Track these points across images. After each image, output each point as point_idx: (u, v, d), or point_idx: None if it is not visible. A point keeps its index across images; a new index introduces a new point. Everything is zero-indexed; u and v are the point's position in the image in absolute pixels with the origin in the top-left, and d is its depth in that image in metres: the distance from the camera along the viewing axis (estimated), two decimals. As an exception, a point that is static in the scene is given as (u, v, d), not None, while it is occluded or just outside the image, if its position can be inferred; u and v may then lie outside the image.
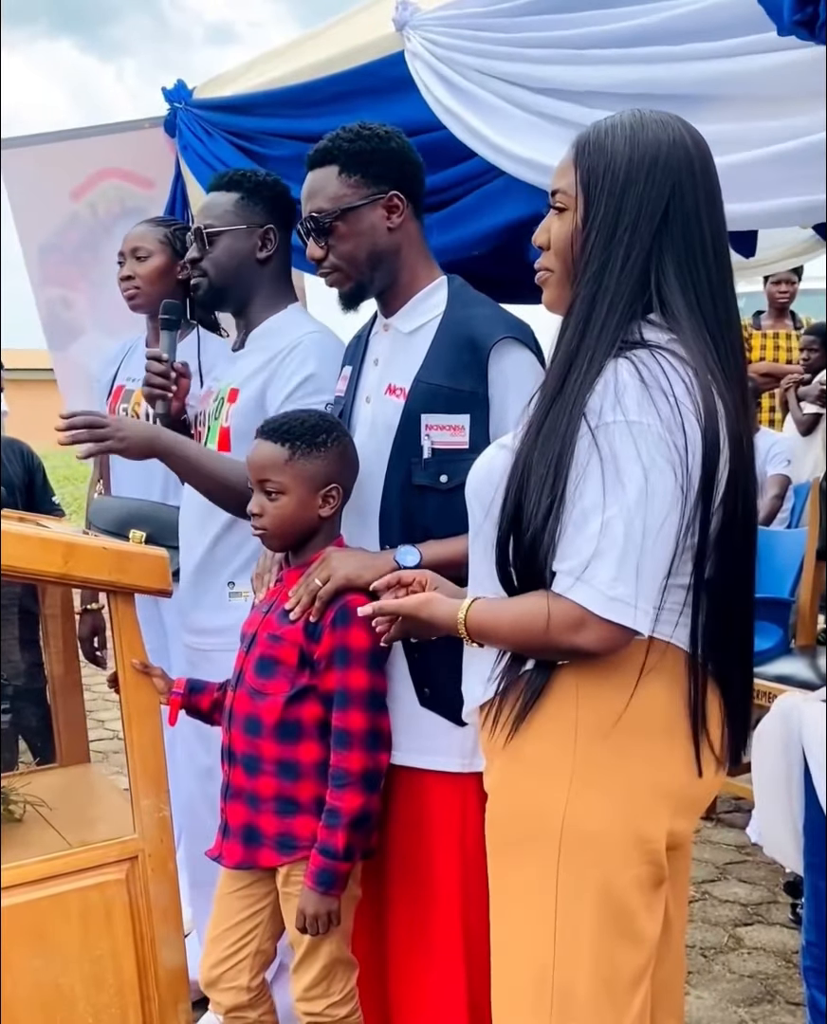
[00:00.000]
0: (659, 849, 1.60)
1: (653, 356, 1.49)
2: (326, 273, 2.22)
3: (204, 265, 2.54)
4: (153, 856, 2.18)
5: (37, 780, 2.50)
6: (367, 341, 2.33)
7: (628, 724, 1.56)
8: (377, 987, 2.33)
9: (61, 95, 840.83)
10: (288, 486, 2.10)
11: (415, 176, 2.21)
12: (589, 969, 1.58)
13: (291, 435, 2.11)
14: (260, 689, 2.12)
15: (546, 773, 1.60)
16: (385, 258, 2.18)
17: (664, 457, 1.46)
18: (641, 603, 1.46)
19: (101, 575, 2.09)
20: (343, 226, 2.15)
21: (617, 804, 1.57)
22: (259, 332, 2.59)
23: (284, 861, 2.12)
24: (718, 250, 1.59)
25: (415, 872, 2.22)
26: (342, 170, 2.15)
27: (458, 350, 2.09)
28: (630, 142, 1.57)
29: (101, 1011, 2.14)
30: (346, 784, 2.04)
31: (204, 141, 3.19)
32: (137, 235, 3.01)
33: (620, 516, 1.45)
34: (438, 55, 2.44)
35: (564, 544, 1.49)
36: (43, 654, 2.68)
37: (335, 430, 2.13)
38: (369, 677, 2.07)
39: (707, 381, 1.51)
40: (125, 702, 2.17)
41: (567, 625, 1.48)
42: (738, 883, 3.69)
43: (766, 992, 3.01)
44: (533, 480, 1.52)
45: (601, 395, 1.48)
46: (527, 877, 1.63)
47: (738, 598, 1.65)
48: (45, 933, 2.07)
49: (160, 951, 2.19)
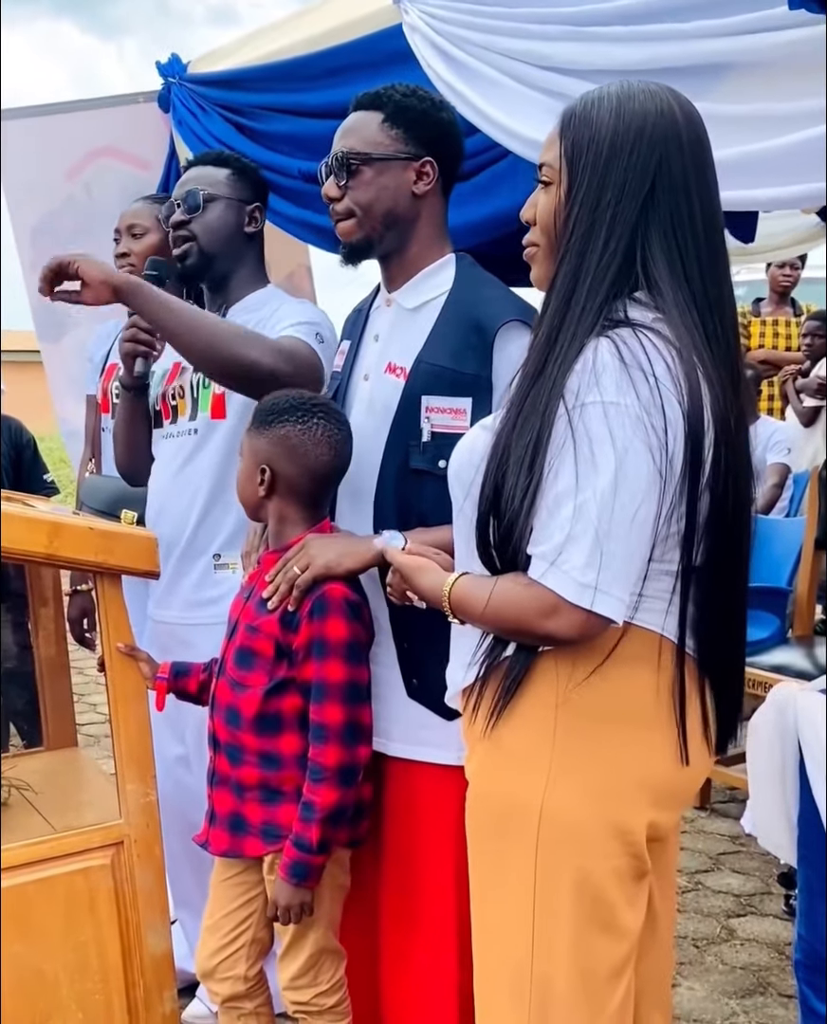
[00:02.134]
0: (639, 841, 1.58)
1: (635, 335, 1.45)
2: (339, 218, 2.15)
3: (194, 228, 2.49)
4: (139, 841, 2.16)
5: (23, 764, 2.48)
6: (368, 315, 2.27)
7: (609, 712, 1.55)
8: (368, 977, 2.31)
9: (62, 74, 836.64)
10: (243, 453, 2.12)
11: (455, 154, 2.17)
12: (567, 961, 1.57)
13: (259, 407, 2.11)
14: (240, 681, 2.09)
15: (525, 761, 1.58)
16: (401, 221, 2.12)
17: (641, 439, 1.41)
18: (614, 590, 1.43)
19: (87, 556, 2.05)
20: (370, 172, 2.10)
21: (596, 794, 1.55)
22: (240, 307, 2.55)
23: (269, 850, 2.09)
24: (709, 225, 1.54)
25: (408, 863, 2.20)
26: (387, 119, 2.10)
27: (463, 331, 2.04)
28: (615, 113, 1.53)
29: (85, 997, 2.12)
30: (322, 779, 2.00)
31: (198, 116, 3.16)
32: (133, 212, 2.98)
33: (593, 500, 1.41)
34: (437, 28, 2.40)
35: (538, 528, 1.46)
36: (31, 636, 2.65)
37: (288, 414, 2.06)
38: (347, 669, 2.02)
39: (692, 361, 1.47)
40: (111, 685, 2.14)
41: (540, 611, 1.46)
42: (731, 874, 3.67)
43: (758, 984, 2.99)
44: (512, 462, 1.49)
45: (579, 375, 1.44)
46: (505, 867, 1.61)
47: (730, 586, 1.61)
48: (29, 918, 2.05)
49: (145, 937, 2.17)
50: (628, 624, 1.52)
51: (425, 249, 2.15)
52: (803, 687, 2.37)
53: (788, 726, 2.27)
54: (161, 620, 2.65)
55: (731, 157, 2.03)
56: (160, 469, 2.61)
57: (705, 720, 1.62)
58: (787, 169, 1.99)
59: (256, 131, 3.00)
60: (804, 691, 2.31)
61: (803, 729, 2.23)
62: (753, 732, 2.39)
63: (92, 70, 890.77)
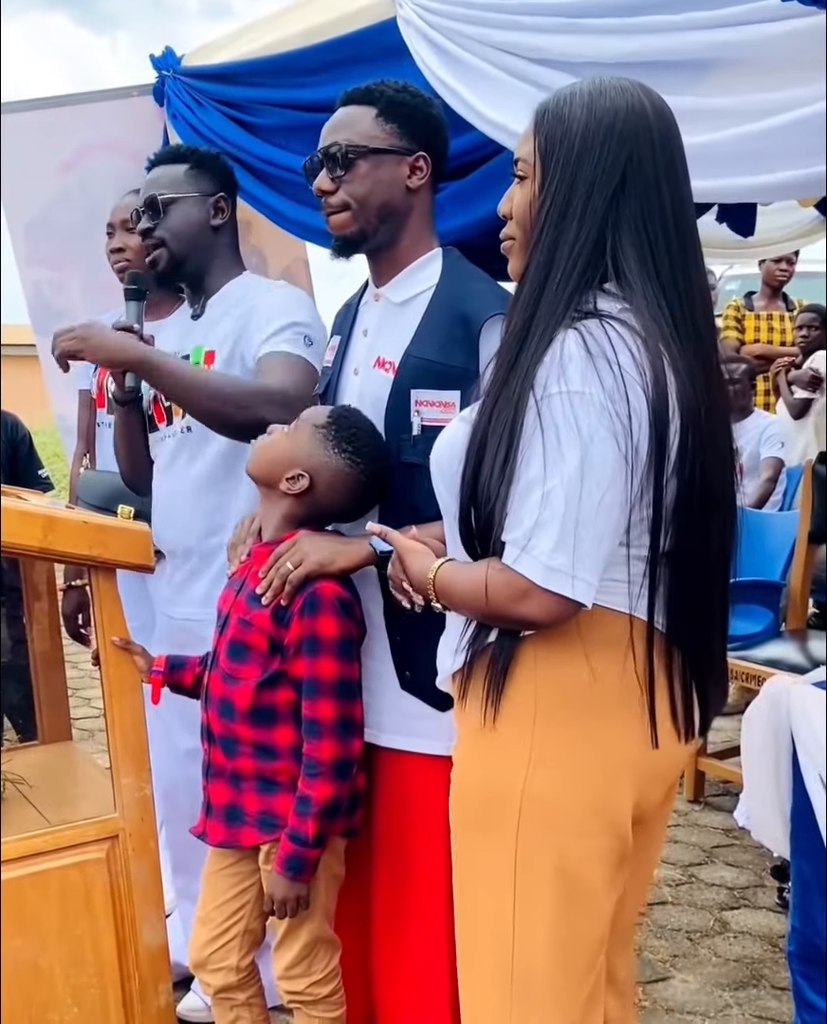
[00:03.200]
0: (623, 822, 1.61)
1: (602, 326, 1.48)
2: (333, 211, 2.14)
3: (160, 235, 2.50)
4: (134, 835, 2.16)
5: (18, 758, 2.49)
6: (357, 310, 2.28)
7: (586, 695, 1.57)
8: (360, 967, 2.31)
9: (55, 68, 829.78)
10: (294, 440, 2.10)
11: (444, 148, 2.18)
12: (548, 943, 1.60)
13: (337, 420, 2.09)
14: (232, 673, 2.09)
15: (507, 747, 1.60)
16: (395, 215, 2.13)
17: (606, 427, 1.44)
18: (581, 573, 1.46)
19: (81, 549, 2.05)
20: (365, 165, 2.09)
21: (577, 777, 1.58)
22: (219, 297, 2.56)
23: (265, 840, 2.09)
24: (679, 218, 1.57)
25: (400, 853, 2.20)
26: (380, 114, 2.10)
27: (450, 325, 2.05)
28: (587, 109, 1.56)
29: (80, 991, 2.13)
30: (318, 773, 2.01)
31: (193, 109, 3.14)
32: (126, 206, 2.96)
33: (560, 487, 1.45)
34: (431, 22, 2.39)
35: (511, 516, 1.50)
36: (25, 631, 2.65)
37: (357, 442, 2.07)
38: (338, 665, 2.02)
39: (657, 350, 1.49)
40: (106, 679, 2.15)
41: (512, 596, 1.49)
42: (725, 867, 3.67)
43: (752, 976, 3.00)
44: (487, 453, 1.52)
45: (547, 366, 1.47)
46: (487, 852, 1.64)
47: (702, 572, 1.63)
48: (24, 912, 2.06)
49: (140, 930, 2.18)
50: (603, 608, 1.56)
51: (414, 243, 2.16)
52: (796, 680, 2.38)
53: (781, 719, 2.28)
54: (178, 617, 2.65)
55: (727, 140, 2.03)
56: (161, 471, 2.61)
57: (673, 703, 1.63)
58: (785, 153, 1.98)
59: (252, 124, 2.98)
60: (797, 684, 2.32)
61: (796, 722, 2.24)
62: (747, 725, 2.40)
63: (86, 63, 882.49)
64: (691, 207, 1.61)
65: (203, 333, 2.54)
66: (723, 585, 1.69)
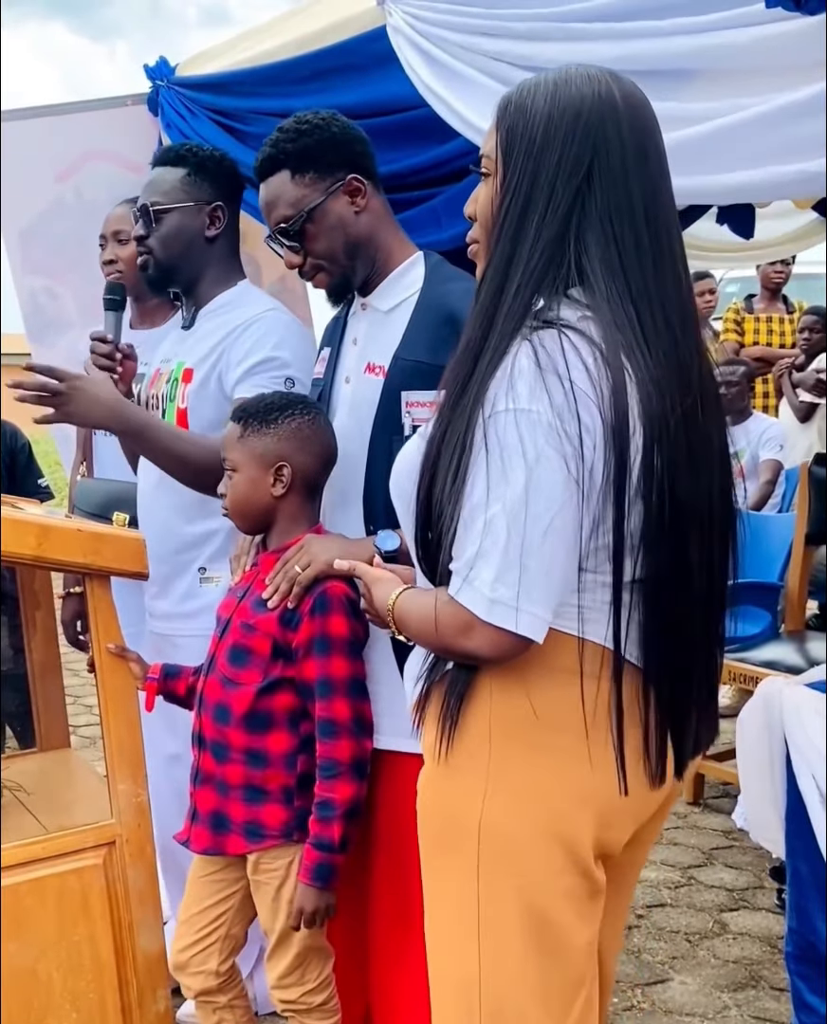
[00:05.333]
0: (585, 858, 1.50)
1: (557, 337, 1.37)
2: (310, 276, 2.20)
3: (150, 243, 2.50)
4: (131, 841, 2.17)
5: (16, 765, 2.50)
6: (345, 322, 2.30)
7: (542, 726, 1.47)
8: (358, 974, 2.32)
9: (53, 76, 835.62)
10: (240, 463, 2.10)
11: (365, 153, 2.19)
12: (517, 979, 1.50)
13: (246, 412, 2.11)
14: (232, 678, 2.10)
15: (463, 775, 1.51)
16: (361, 244, 2.16)
17: (554, 447, 1.33)
18: (526, 605, 1.35)
19: (75, 557, 2.07)
20: (312, 227, 2.13)
21: (534, 810, 1.48)
22: (209, 309, 2.56)
23: (252, 849, 2.10)
24: (651, 212, 1.45)
25: (399, 856, 2.20)
26: (294, 172, 2.13)
27: (437, 326, 2.07)
28: (551, 99, 1.45)
29: (79, 996, 2.14)
30: (338, 774, 2.02)
31: (186, 119, 3.15)
32: (117, 217, 2.97)
33: (502, 513, 1.34)
34: (420, 30, 2.41)
35: (456, 542, 1.40)
36: (24, 638, 2.66)
37: (291, 408, 2.10)
38: (350, 665, 2.05)
39: (618, 362, 1.37)
40: (101, 686, 2.16)
41: (457, 629, 1.40)
42: (724, 868, 3.68)
43: (750, 977, 3.00)
44: (439, 473, 1.43)
45: (498, 382, 1.37)
46: (451, 883, 1.54)
47: (680, 599, 1.48)
48: (22, 918, 2.06)
49: (138, 936, 2.18)
50: (566, 637, 1.45)
51: (389, 252, 2.19)
52: (788, 680, 2.39)
53: (774, 720, 2.29)
54: (151, 629, 2.69)
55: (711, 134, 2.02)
56: (143, 474, 2.63)
57: (646, 741, 1.49)
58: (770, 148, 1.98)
59: (245, 133, 2.99)
60: (790, 684, 2.33)
61: (788, 723, 2.24)
62: (741, 726, 2.40)
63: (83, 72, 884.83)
64: (666, 200, 1.48)
65: (189, 348, 2.54)
66: (709, 614, 1.54)
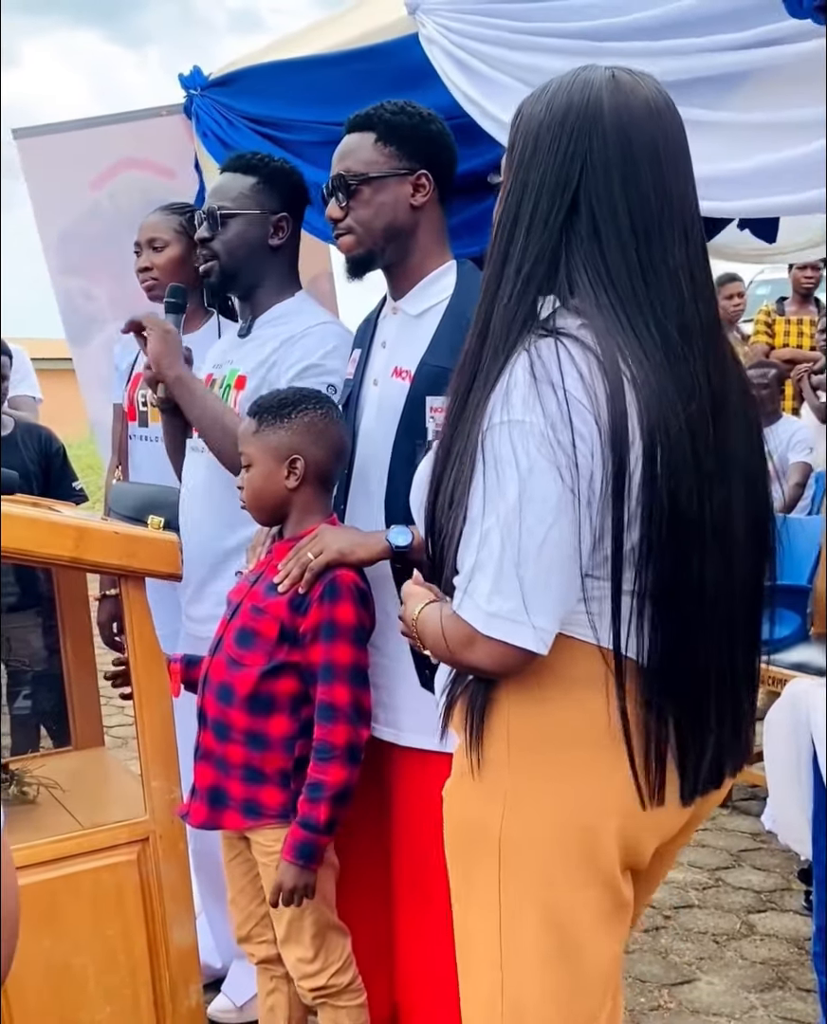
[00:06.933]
0: (608, 871, 1.48)
1: (553, 346, 1.35)
2: (340, 234, 2.23)
3: (215, 247, 2.51)
4: (164, 837, 2.21)
5: (52, 763, 2.53)
6: (376, 324, 2.34)
7: (559, 738, 1.46)
8: (383, 966, 2.35)
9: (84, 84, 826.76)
10: (255, 457, 2.15)
11: (447, 162, 2.23)
12: (538, 989, 1.50)
13: (260, 408, 2.16)
14: (237, 659, 2.14)
15: (484, 787, 1.50)
16: (401, 233, 2.19)
17: (547, 458, 1.32)
18: (523, 617, 1.34)
19: (111, 559, 2.11)
20: (368, 191, 2.17)
21: (552, 824, 1.46)
22: (266, 318, 2.56)
23: (250, 825, 2.14)
24: (639, 220, 1.41)
25: (424, 853, 2.22)
26: (379, 138, 2.17)
27: (464, 333, 2.08)
28: (546, 107, 1.44)
29: (112, 991, 2.17)
30: (331, 757, 2.06)
31: (223, 126, 3.17)
32: (152, 225, 3.00)
33: (497, 526, 1.34)
34: (454, 41, 2.41)
35: (458, 556, 1.40)
36: (59, 639, 2.70)
37: (304, 403, 2.14)
38: (353, 652, 2.09)
39: (616, 370, 1.35)
40: (136, 685, 2.20)
41: (460, 642, 1.40)
42: (752, 870, 3.68)
43: (778, 978, 3.01)
44: (443, 485, 1.43)
45: (497, 394, 1.37)
46: (475, 891, 1.55)
47: (692, 611, 1.43)
48: (57, 914, 2.10)
49: (171, 931, 2.22)
50: (578, 643, 1.43)
51: (426, 258, 2.22)
52: (816, 682, 2.40)
53: (801, 721, 2.30)
54: (189, 632, 2.72)
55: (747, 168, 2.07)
56: (189, 477, 2.64)
57: (648, 757, 1.44)
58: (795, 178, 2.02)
59: (282, 140, 2.99)
60: (817, 686, 2.34)
61: (815, 724, 2.25)
62: (768, 728, 2.41)
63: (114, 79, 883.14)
64: (659, 205, 1.42)
65: (243, 355, 2.55)
66: (732, 628, 1.50)
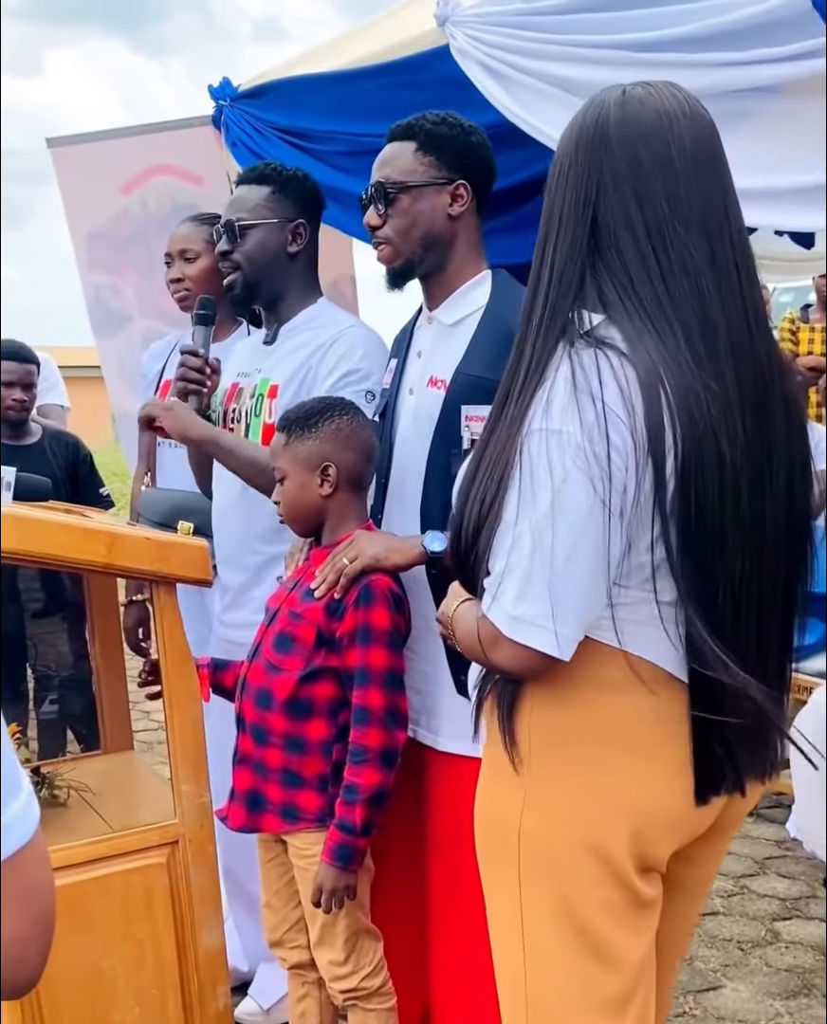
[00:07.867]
0: (623, 871, 1.50)
1: (594, 356, 1.38)
2: (378, 244, 2.26)
3: (236, 258, 2.55)
4: (193, 841, 2.22)
5: (82, 766, 2.55)
6: (412, 334, 2.36)
7: (575, 738, 1.49)
8: (416, 970, 2.37)
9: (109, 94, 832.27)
10: (287, 470, 2.18)
11: (486, 174, 2.25)
12: (560, 984, 1.53)
13: (288, 421, 2.19)
14: (276, 664, 2.16)
15: (506, 784, 1.55)
16: (438, 243, 2.22)
17: (581, 469, 1.34)
18: (547, 623, 1.37)
19: (143, 565, 2.13)
20: (406, 199, 2.20)
21: (567, 822, 1.50)
22: (292, 325, 2.60)
23: (288, 829, 2.17)
24: (656, 233, 1.43)
25: (460, 858, 2.22)
26: (419, 147, 2.20)
27: (499, 342, 2.10)
28: (568, 132, 1.50)
29: (141, 992, 2.19)
30: (365, 760, 2.08)
31: (253, 136, 3.19)
32: (183, 236, 3.02)
33: (528, 532, 1.37)
34: (487, 52, 2.40)
35: (490, 558, 1.44)
36: (89, 644, 2.73)
37: (329, 411, 2.17)
38: (389, 656, 2.11)
39: (653, 380, 1.37)
40: (167, 689, 2.22)
41: (488, 643, 1.44)
42: (777, 878, 3.68)
43: (803, 986, 3.01)
44: (475, 489, 1.47)
45: (538, 400, 1.40)
46: (500, 887, 1.59)
47: (721, 618, 1.45)
48: (87, 916, 2.12)
49: (199, 934, 2.24)
50: (604, 647, 1.46)
51: (462, 267, 2.24)
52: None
53: (826, 729, 2.31)
54: (223, 636, 2.73)
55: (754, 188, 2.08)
56: (221, 488, 2.66)
57: (696, 756, 1.48)
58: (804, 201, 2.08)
59: (312, 150, 3.00)
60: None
61: (840, 732, 2.26)
62: (794, 735, 2.41)
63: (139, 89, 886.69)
64: (674, 212, 1.44)
65: (272, 364, 2.58)
66: (764, 634, 1.51)
